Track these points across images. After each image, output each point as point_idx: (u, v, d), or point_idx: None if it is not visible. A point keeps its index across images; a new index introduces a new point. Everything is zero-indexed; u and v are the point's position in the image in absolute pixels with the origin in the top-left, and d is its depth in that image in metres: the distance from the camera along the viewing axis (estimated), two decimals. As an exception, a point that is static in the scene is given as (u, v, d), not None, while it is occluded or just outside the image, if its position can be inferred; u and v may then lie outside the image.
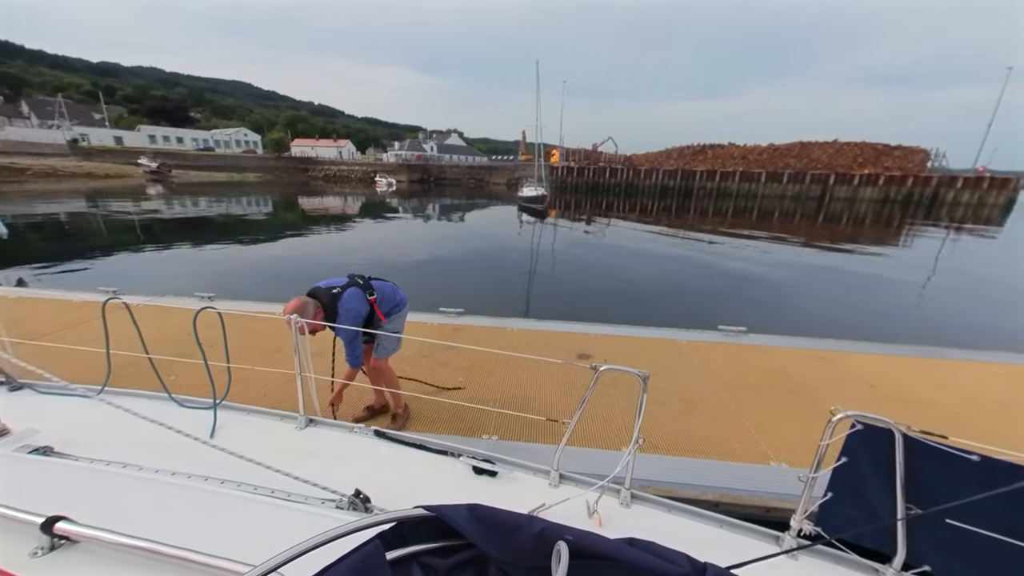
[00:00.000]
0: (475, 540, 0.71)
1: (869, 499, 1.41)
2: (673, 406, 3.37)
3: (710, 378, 3.86)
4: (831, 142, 47.75)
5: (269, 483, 1.63)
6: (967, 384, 3.91)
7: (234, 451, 1.77)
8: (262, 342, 4.29)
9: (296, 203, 29.53)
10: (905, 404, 3.52)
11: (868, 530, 1.39)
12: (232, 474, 1.67)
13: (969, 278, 12.41)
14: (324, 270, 10.48)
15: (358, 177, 57.14)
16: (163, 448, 1.83)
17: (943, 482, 1.26)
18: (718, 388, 3.70)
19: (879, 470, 1.37)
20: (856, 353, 4.56)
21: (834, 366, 4.20)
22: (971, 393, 3.74)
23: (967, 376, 4.07)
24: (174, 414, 2.14)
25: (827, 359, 4.39)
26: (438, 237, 17.74)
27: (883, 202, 40.45)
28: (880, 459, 1.36)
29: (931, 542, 1.32)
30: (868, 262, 14.28)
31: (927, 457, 1.30)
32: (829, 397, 3.61)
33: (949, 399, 3.61)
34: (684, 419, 3.21)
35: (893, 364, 4.31)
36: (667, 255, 14.53)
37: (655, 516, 1.66)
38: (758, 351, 4.49)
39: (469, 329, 4.93)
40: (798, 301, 9.19)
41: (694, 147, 54.05)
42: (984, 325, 7.95)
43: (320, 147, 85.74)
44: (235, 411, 2.24)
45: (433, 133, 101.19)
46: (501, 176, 57.83)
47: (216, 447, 1.79)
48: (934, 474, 1.29)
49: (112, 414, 1.91)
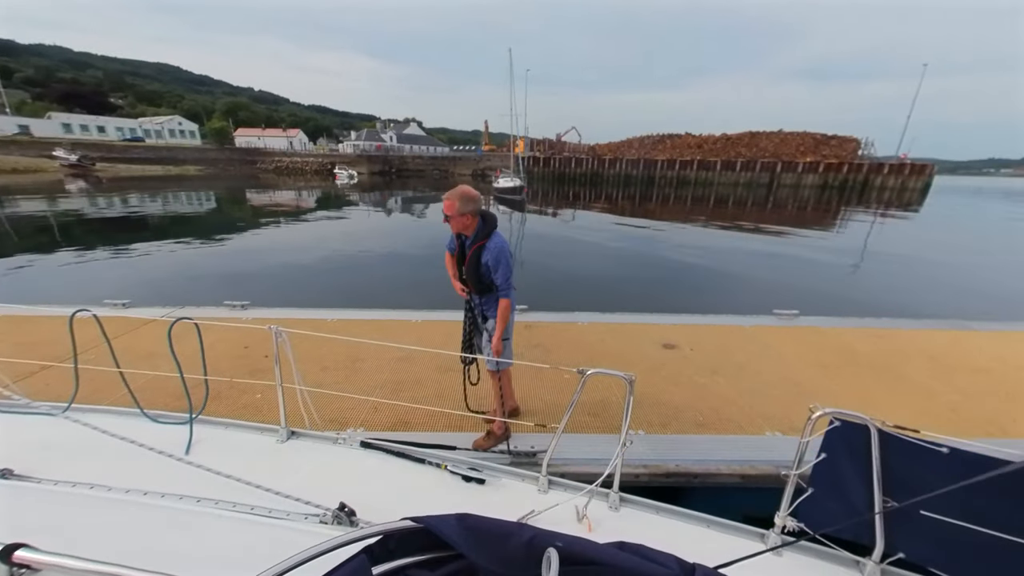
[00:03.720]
0: (464, 551, 0.69)
1: (848, 494, 1.43)
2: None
3: None
4: (777, 132, 50.92)
5: (249, 499, 1.56)
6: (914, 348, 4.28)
7: (211, 467, 1.71)
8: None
9: (244, 198, 27.42)
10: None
11: (848, 524, 1.41)
12: (210, 491, 1.60)
13: (903, 256, 13.72)
14: (280, 269, 9.82)
15: (314, 169, 54.15)
16: (135, 467, 1.75)
17: (916, 474, 1.30)
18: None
19: (857, 465, 1.39)
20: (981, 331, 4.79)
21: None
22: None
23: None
24: (147, 431, 2.01)
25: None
26: (407, 230, 17.18)
27: (823, 188, 43.81)
28: (858, 454, 1.38)
29: (906, 532, 1.37)
30: (822, 245, 15.41)
31: (901, 451, 1.34)
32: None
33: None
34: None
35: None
36: (639, 244, 14.92)
37: (644, 518, 1.67)
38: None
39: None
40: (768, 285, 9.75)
41: (654, 137, 55.79)
42: (919, 296, 8.82)
43: (268, 137, 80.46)
44: (213, 425, 2.13)
45: (390, 123, 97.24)
46: (466, 167, 56.87)
47: (192, 464, 1.73)
48: (908, 467, 1.33)
49: (79, 433, 1.85)
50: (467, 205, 2.30)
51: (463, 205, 2.29)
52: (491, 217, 2.43)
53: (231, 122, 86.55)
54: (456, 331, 4.49)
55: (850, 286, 10.06)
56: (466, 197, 2.30)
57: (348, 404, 3.06)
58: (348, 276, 9.51)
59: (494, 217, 2.45)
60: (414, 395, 3.32)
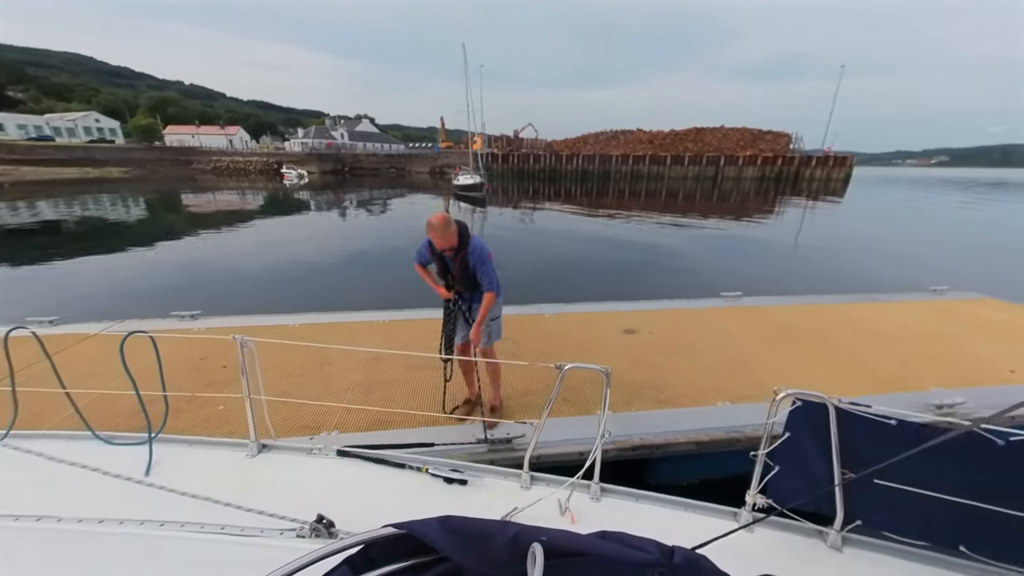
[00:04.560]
0: (448, 553, 0.69)
1: (811, 469, 1.52)
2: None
3: None
4: (719, 127, 54.24)
5: (219, 518, 1.49)
6: (816, 321, 4.85)
7: (175, 488, 1.64)
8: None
9: (179, 202, 25.18)
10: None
11: (812, 497, 1.50)
12: (174, 514, 1.51)
13: (830, 239, 15.23)
14: (229, 277, 9.25)
15: (258, 169, 50.77)
16: (88, 494, 1.65)
17: (870, 446, 1.38)
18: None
19: (817, 441, 1.48)
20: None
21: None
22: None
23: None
24: (100, 454, 1.92)
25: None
26: (365, 231, 16.63)
27: (761, 180, 47.28)
28: (817, 431, 1.47)
29: (863, 500, 1.47)
30: (762, 232, 16.73)
31: (856, 425, 1.43)
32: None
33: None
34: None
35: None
36: (598, 238, 15.42)
37: (624, 507, 1.72)
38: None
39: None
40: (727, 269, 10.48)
41: (608, 133, 57.52)
42: (843, 274, 9.88)
43: (204, 135, 74.24)
44: (175, 444, 2.03)
45: (341, 119, 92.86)
46: (423, 164, 55.69)
47: (154, 486, 1.66)
48: (863, 440, 1.42)
49: (21, 461, 1.73)
50: (449, 227, 2.52)
51: (446, 229, 2.51)
52: (463, 226, 2.64)
53: (159, 119, 78.81)
54: (425, 329, 4.57)
55: (786, 267, 11.07)
56: (445, 224, 2.51)
57: (320, 409, 3.01)
58: (307, 280, 9.13)
59: (465, 225, 2.65)
60: (387, 395, 3.32)
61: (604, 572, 0.73)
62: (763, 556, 1.49)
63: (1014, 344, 4.33)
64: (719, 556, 0.83)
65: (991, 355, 4.07)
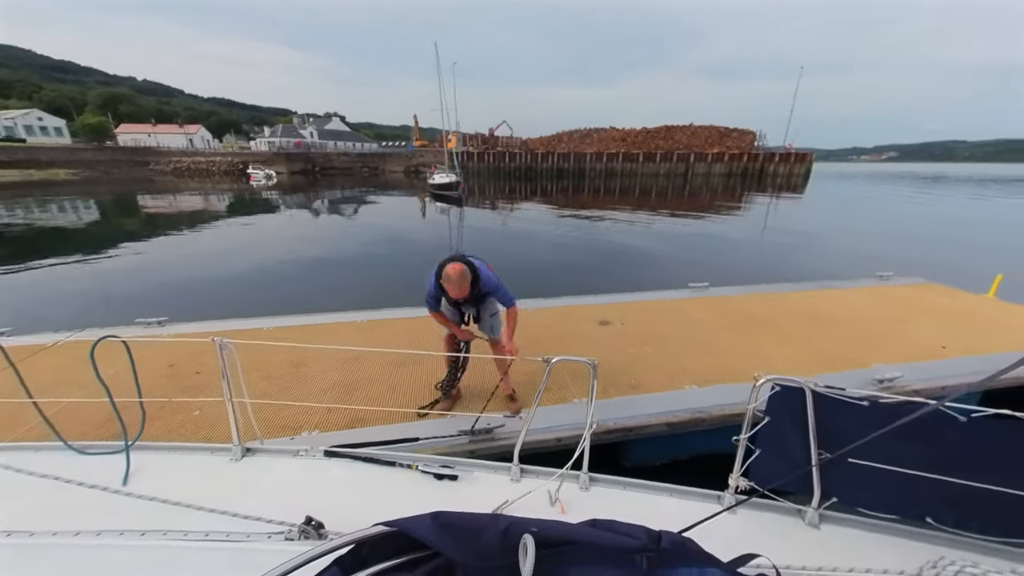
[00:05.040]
0: (440, 548, 0.68)
1: (790, 451, 1.58)
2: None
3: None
4: (688, 125, 55.95)
5: (203, 525, 1.46)
6: (788, 309, 5.20)
7: (155, 496, 1.60)
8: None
9: (136, 205, 23.80)
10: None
11: (791, 478, 1.56)
12: (156, 522, 1.48)
13: (792, 231, 16.08)
14: (196, 281, 8.91)
15: (222, 170, 48.56)
16: (62, 506, 1.60)
17: (845, 426, 1.43)
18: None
19: (795, 424, 1.53)
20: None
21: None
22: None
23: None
24: (73, 465, 1.84)
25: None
26: (339, 232, 16.27)
27: (728, 176, 49.13)
28: (796, 414, 1.52)
29: (838, 479, 1.53)
30: (729, 226, 17.44)
31: (831, 408, 1.48)
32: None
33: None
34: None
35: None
36: (575, 234, 15.69)
37: (612, 495, 1.76)
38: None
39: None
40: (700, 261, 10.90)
41: (582, 131, 58.26)
42: (801, 264, 10.49)
43: (162, 134, 70.29)
44: (153, 451, 1.98)
45: (309, 117, 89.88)
46: (398, 164, 54.77)
47: (132, 495, 1.62)
48: (837, 421, 1.47)
49: None
50: (466, 280, 2.57)
51: (463, 282, 2.56)
52: (473, 267, 2.68)
53: (110, 117, 73.99)
54: (404, 327, 4.60)
55: (751, 259, 11.64)
56: (462, 277, 2.55)
57: (300, 410, 3.01)
58: (279, 283, 8.89)
59: (474, 265, 2.70)
60: (369, 393, 3.34)
61: (595, 559, 0.74)
62: (746, 536, 1.55)
63: (947, 323, 4.78)
64: (704, 538, 0.86)
65: (926, 334, 4.47)
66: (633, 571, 0.74)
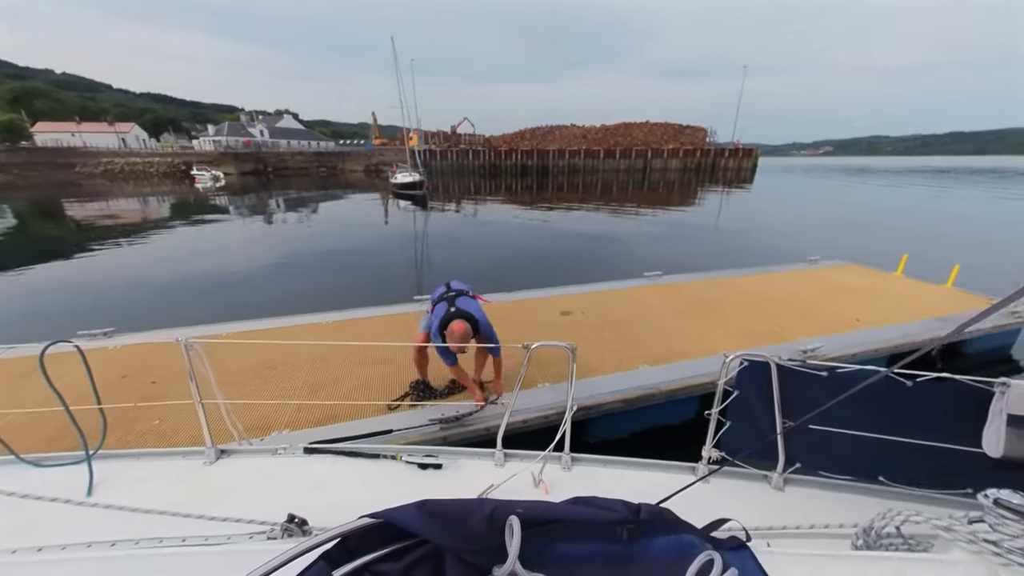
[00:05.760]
0: (428, 536, 0.69)
1: (758, 422, 1.67)
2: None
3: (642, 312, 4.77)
4: (645, 123, 58.08)
5: (179, 531, 1.41)
6: (741, 289, 5.72)
7: (124, 505, 1.53)
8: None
9: (61, 212, 21.64)
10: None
11: (759, 447, 1.63)
12: (126, 532, 1.42)
13: (740, 221, 17.26)
14: (140, 291, 8.38)
15: (162, 171, 45.03)
16: (20, 523, 1.52)
17: (806, 396, 1.49)
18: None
19: (762, 396, 1.62)
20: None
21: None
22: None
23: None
24: (30, 479, 1.79)
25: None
26: (297, 235, 15.64)
27: (683, 171, 51.55)
28: (762, 387, 1.61)
29: (800, 445, 1.62)
30: (684, 218, 18.42)
31: (794, 379, 1.57)
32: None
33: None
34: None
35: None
36: (538, 229, 16.00)
37: (593, 473, 1.82)
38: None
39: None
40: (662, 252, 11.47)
41: (544, 128, 58.95)
42: (745, 251, 11.35)
43: (88, 133, 63.93)
44: (118, 459, 1.92)
45: (258, 114, 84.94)
46: (357, 163, 53.04)
47: (99, 505, 1.55)
48: (800, 391, 1.55)
49: None
50: (468, 337, 2.71)
51: (467, 338, 2.71)
52: (472, 318, 2.79)
53: (24, 114, 66.31)
54: (371, 326, 4.65)
55: (702, 248, 12.42)
56: (466, 335, 2.69)
57: (269, 411, 3.02)
58: (234, 291, 8.52)
59: (472, 316, 2.80)
60: (337, 391, 3.39)
61: (578, 534, 0.77)
62: (718, 503, 1.62)
63: (862, 299, 5.44)
64: (681, 507, 0.91)
65: (845, 309, 5.09)
66: (615, 543, 0.78)
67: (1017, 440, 1.35)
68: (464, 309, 2.81)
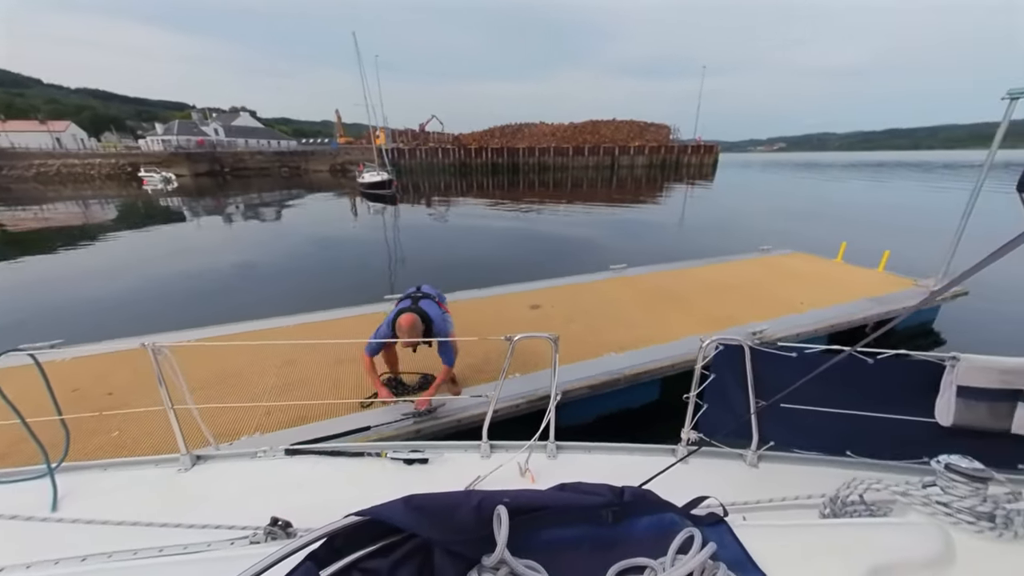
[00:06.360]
0: (416, 530, 0.69)
1: (733, 403, 1.72)
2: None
3: None
4: (612, 120, 59.39)
5: (155, 541, 1.38)
6: (708, 277, 6.07)
7: (94, 518, 1.49)
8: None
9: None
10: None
11: (735, 427, 1.70)
12: (97, 545, 1.37)
13: (703, 215, 18.09)
14: (85, 302, 7.87)
15: (105, 174, 41.97)
16: None
17: (778, 377, 1.54)
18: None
19: (737, 378, 1.66)
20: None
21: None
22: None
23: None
24: None
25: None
26: (261, 239, 15.03)
27: (649, 167, 53.15)
28: (737, 370, 1.65)
29: (773, 424, 1.67)
30: (650, 213, 19.08)
31: (766, 360, 1.62)
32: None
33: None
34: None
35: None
36: (508, 227, 16.14)
37: (578, 459, 1.85)
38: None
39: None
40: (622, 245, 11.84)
41: (513, 126, 59.12)
42: (705, 243, 11.96)
43: (16, 132, 58.21)
44: (85, 471, 1.85)
45: (212, 112, 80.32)
46: (322, 162, 51.36)
47: (65, 520, 1.51)
48: (772, 372, 1.60)
49: None
50: (416, 329, 2.72)
51: (414, 331, 2.72)
52: (426, 315, 2.82)
53: (-62, 111, 59.76)
54: (341, 327, 4.62)
55: (666, 241, 12.96)
56: (413, 327, 2.70)
57: (237, 414, 2.98)
58: (195, 298, 8.14)
59: (427, 313, 2.83)
60: (308, 392, 3.38)
61: (565, 520, 0.79)
62: (697, 482, 1.66)
63: (806, 284, 5.91)
64: (662, 488, 0.94)
65: (791, 293, 5.52)
66: (600, 526, 0.80)
67: (965, 409, 1.44)
68: (423, 309, 2.87)
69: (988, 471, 0.93)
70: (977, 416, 1.44)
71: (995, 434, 1.44)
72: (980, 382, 1.42)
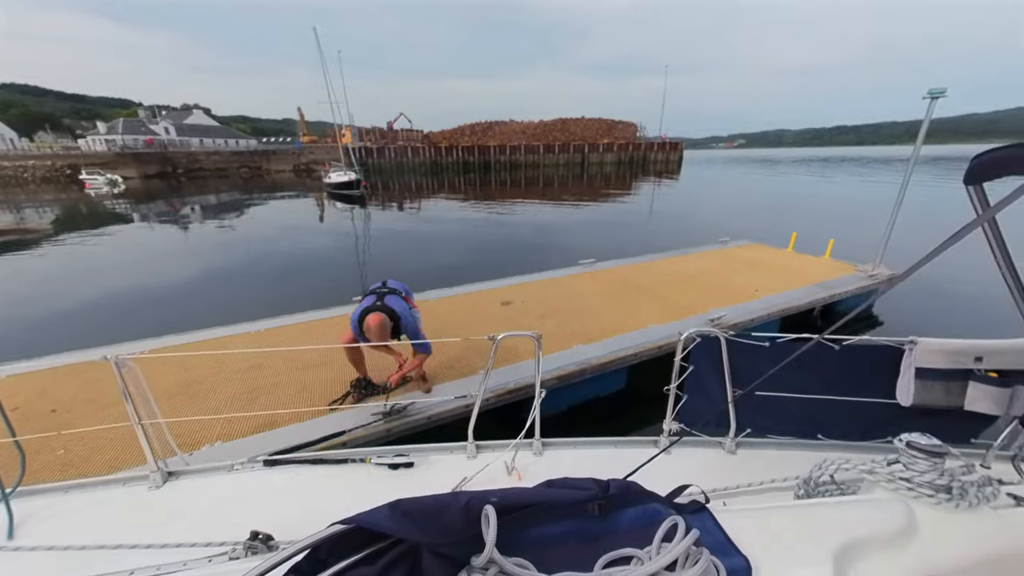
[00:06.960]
0: (403, 535, 0.68)
1: (711, 394, 1.78)
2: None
3: None
4: (580, 118, 60.15)
5: (125, 563, 1.31)
6: (684, 268, 6.33)
7: (55, 544, 1.40)
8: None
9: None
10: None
11: (713, 417, 1.76)
12: (60, 572, 1.33)
13: (669, 209, 18.75)
14: (21, 318, 7.29)
15: (40, 177, 38.59)
16: None
17: (753, 366, 1.61)
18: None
19: (714, 369, 1.71)
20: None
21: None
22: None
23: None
24: None
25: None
26: (221, 243, 14.31)
27: (618, 164, 54.37)
28: (714, 361, 1.70)
29: (749, 411, 1.74)
30: (620, 208, 19.56)
31: (741, 351, 1.67)
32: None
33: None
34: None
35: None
36: (479, 224, 16.13)
37: (564, 455, 1.87)
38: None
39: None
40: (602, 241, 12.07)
41: (483, 124, 58.80)
42: (671, 236, 12.44)
43: (-69, 132, 52.61)
44: (41, 495, 1.76)
45: (162, 110, 75.33)
46: (284, 162, 49.33)
47: (23, 548, 1.43)
48: (747, 362, 1.66)
49: None
50: (385, 329, 2.70)
51: (383, 332, 2.70)
52: (393, 313, 2.84)
53: None
54: (307, 329, 4.54)
55: (635, 234, 13.35)
56: (381, 328, 2.69)
57: (195, 425, 2.87)
58: (148, 307, 7.68)
59: (394, 311, 2.85)
60: (274, 399, 3.30)
61: (552, 516, 0.80)
62: (679, 471, 1.70)
63: (760, 273, 6.28)
64: (646, 479, 0.97)
65: (747, 282, 5.85)
66: (587, 519, 0.82)
67: (923, 389, 1.52)
68: (389, 305, 2.86)
69: (945, 447, 0.99)
70: (934, 395, 1.53)
71: (950, 411, 1.52)
72: (935, 363, 1.50)
